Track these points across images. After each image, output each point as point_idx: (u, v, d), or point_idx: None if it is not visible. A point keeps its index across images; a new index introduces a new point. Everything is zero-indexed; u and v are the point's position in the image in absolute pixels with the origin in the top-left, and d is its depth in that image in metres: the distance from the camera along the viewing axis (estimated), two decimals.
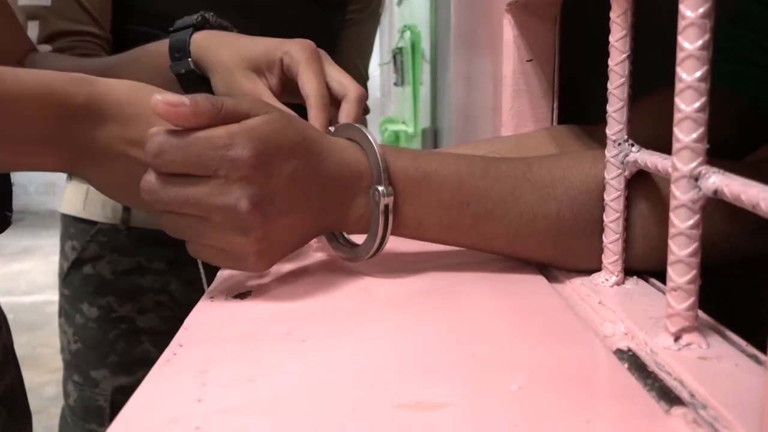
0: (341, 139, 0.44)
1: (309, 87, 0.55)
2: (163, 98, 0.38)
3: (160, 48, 0.63)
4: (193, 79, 0.62)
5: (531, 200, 0.43)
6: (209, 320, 0.39)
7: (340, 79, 0.57)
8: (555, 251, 0.45)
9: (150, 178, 0.40)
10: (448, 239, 0.45)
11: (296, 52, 0.56)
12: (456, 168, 0.44)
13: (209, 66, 0.60)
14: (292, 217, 0.41)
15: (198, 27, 0.63)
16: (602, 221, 0.42)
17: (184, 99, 0.38)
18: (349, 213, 0.43)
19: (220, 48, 0.60)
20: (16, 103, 0.42)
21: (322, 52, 0.59)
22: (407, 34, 2.68)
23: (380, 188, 0.42)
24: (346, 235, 0.47)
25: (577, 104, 0.68)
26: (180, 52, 0.61)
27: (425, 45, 2.38)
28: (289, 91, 0.59)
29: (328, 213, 0.43)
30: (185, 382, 0.31)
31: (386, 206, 0.42)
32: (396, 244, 0.48)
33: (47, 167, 0.46)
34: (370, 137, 0.43)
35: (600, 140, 0.59)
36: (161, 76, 0.62)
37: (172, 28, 0.63)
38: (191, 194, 0.39)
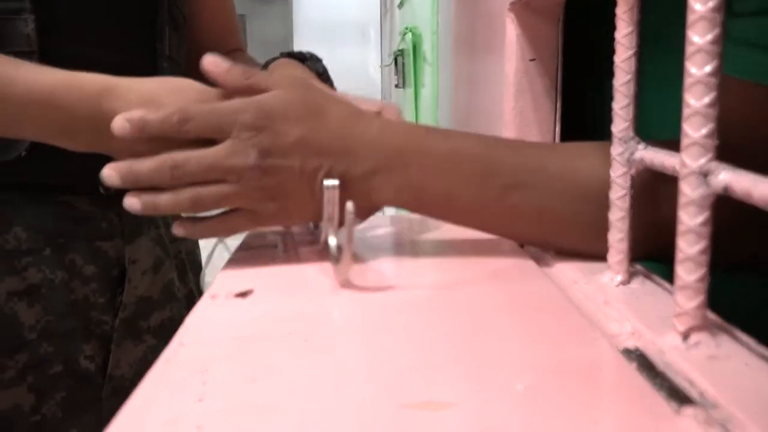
0: (354, 104, 0.49)
1: None
2: (213, 57, 0.47)
3: None
4: None
5: (557, 173, 0.45)
6: (210, 319, 0.38)
7: None
8: (578, 233, 0.46)
9: (175, 155, 0.45)
10: (475, 214, 0.47)
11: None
12: (484, 145, 0.47)
13: None
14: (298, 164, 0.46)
15: None
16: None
17: (225, 64, 0.47)
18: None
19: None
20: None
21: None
22: (408, 36, 2.68)
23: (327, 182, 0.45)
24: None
25: (580, 103, 0.67)
26: None
27: (427, 47, 2.38)
28: None
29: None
30: (186, 381, 0.30)
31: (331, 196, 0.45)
32: (397, 248, 0.47)
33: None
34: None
35: None
36: None
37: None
38: (212, 158, 0.45)
